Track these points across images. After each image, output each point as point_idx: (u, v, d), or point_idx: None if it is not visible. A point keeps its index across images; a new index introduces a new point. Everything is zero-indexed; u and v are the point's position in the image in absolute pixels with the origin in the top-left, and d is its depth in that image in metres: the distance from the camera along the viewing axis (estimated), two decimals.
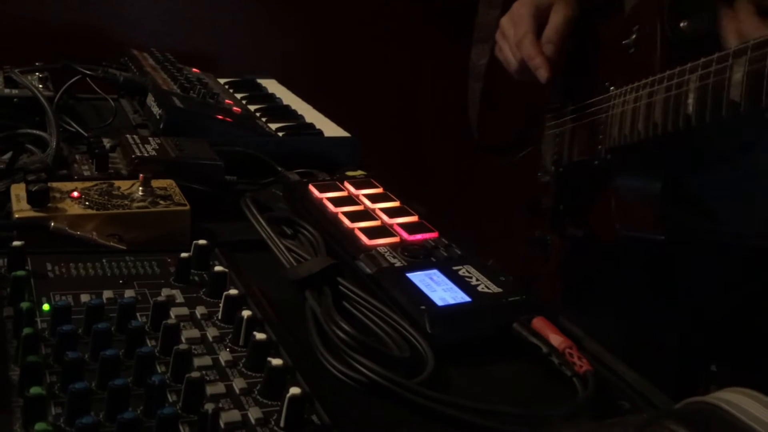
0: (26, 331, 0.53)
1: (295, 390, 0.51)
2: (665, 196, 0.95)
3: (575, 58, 1.07)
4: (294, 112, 1.31)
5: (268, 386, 0.54)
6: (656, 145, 0.92)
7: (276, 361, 0.54)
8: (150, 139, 0.98)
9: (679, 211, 1.00)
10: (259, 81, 1.50)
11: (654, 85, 0.88)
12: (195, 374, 0.51)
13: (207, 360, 0.57)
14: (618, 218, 0.95)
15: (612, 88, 0.98)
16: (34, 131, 0.98)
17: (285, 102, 1.37)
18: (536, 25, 1.05)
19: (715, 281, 1.06)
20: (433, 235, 0.84)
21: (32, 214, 0.77)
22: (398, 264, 0.77)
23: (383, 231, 0.84)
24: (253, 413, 0.52)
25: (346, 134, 1.22)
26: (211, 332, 0.61)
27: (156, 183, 0.85)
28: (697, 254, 1.04)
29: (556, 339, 0.66)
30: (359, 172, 1.06)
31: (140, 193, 0.83)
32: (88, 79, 1.24)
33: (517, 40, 1.06)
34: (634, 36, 0.94)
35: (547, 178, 1.14)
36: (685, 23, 0.88)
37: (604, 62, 1.03)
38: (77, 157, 0.95)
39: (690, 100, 0.82)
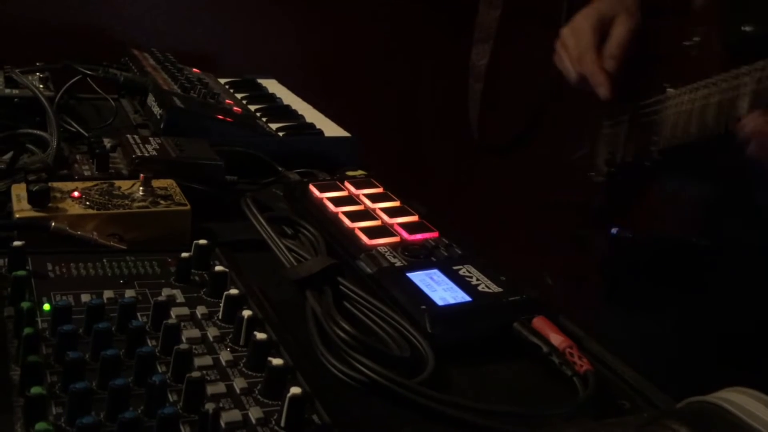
0: (27, 331, 0.53)
1: (295, 390, 0.51)
2: (716, 202, 0.94)
3: (635, 58, 1.05)
4: (294, 112, 1.31)
5: (269, 386, 0.54)
6: (709, 149, 0.91)
7: (276, 361, 0.54)
8: (150, 139, 0.98)
9: (731, 219, 0.98)
10: (260, 81, 1.50)
11: (709, 87, 0.88)
12: (195, 374, 0.51)
13: (207, 360, 0.57)
14: (663, 219, 0.95)
15: (669, 89, 0.97)
16: (35, 131, 0.98)
17: (285, 102, 1.37)
18: (598, 38, 1.03)
19: (760, 290, 1.03)
20: (433, 234, 0.84)
21: (33, 214, 0.77)
22: (398, 264, 0.77)
23: (383, 231, 0.84)
24: (254, 413, 0.52)
25: (346, 134, 1.22)
26: (212, 332, 0.61)
27: (156, 183, 0.85)
28: (742, 262, 1.02)
29: (556, 338, 0.66)
30: (359, 172, 1.06)
31: (141, 193, 0.83)
32: (88, 79, 1.24)
33: (578, 55, 1.04)
34: (696, 38, 0.93)
35: (600, 179, 1.12)
36: (749, 27, 0.87)
37: (664, 63, 1.02)
38: (78, 157, 0.95)
39: (743, 102, 0.81)
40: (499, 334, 0.69)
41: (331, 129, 1.24)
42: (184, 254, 0.70)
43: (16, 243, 0.65)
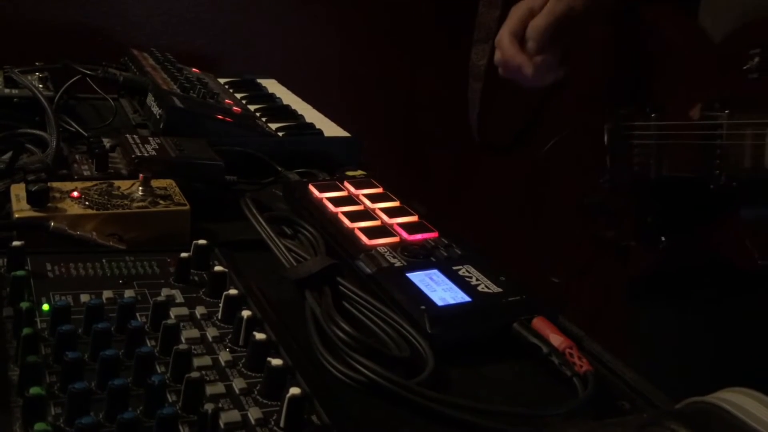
0: (26, 331, 0.53)
1: (294, 390, 0.51)
2: None
3: (634, 57, 0.99)
4: (294, 112, 1.31)
5: (268, 386, 0.54)
6: None
7: (276, 361, 0.54)
8: (150, 138, 0.98)
9: None
10: (259, 81, 1.50)
11: None
12: (195, 374, 0.51)
13: (207, 360, 0.57)
14: (757, 250, 0.88)
15: (727, 111, 0.89)
16: (34, 131, 0.98)
17: (285, 102, 1.37)
18: (522, 26, 0.98)
19: None
20: (433, 234, 0.84)
21: (32, 214, 0.77)
22: (398, 264, 0.77)
23: (383, 231, 0.84)
24: (253, 413, 0.52)
25: (346, 134, 1.22)
26: (211, 332, 0.61)
27: (156, 183, 0.85)
28: None
29: (556, 339, 0.66)
30: (359, 172, 1.06)
31: (140, 193, 0.83)
32: (88, 79, 1.24)
33: (497, 40, 1.00)
34: (756, 60, 0.84)
35: (606, 185, 1.06)
36: None
37: (709, 79, 0.93)
38: (77, 157, 0.95)
39: None
40: (498, 335, 0.69)
41: (330, 129, 1.24)
42: (184, 254, 0.70)
43: (15, 243, 0.65)
